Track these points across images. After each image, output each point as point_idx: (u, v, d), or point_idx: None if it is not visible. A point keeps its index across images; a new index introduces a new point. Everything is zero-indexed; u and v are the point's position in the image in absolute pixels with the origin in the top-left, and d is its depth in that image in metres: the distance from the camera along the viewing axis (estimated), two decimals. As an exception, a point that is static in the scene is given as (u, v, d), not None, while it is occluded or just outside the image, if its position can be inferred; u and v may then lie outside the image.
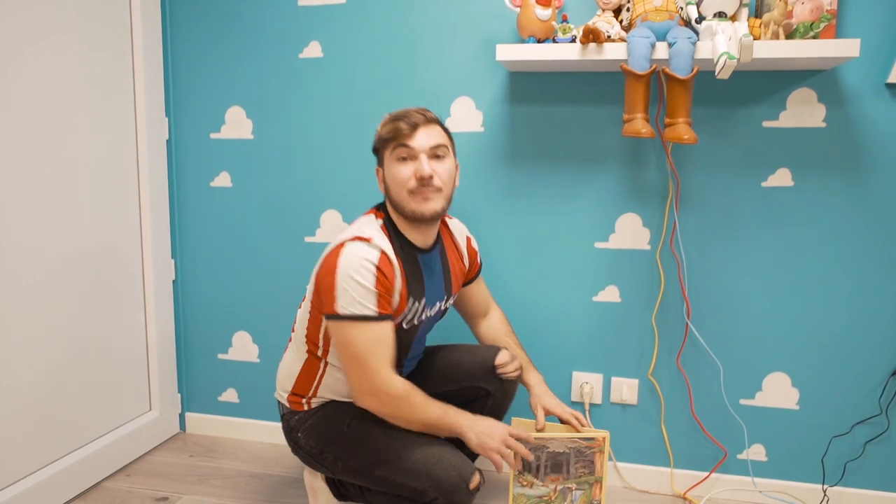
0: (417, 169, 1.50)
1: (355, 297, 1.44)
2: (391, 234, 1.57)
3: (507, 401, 1.79)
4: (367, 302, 1.44)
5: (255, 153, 2.22)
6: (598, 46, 1.72)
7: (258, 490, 2.03)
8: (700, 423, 2.00)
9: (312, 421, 1.62)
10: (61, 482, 1.90)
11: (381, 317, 1.46)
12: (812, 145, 1.84)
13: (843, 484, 1.94)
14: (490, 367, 1.73)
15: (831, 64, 1.73)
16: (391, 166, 1.54)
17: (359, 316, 1.45)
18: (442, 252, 1.71)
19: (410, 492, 1.51)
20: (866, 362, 1.89)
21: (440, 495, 1.49)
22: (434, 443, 1.54)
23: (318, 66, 2.13)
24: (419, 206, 1.53)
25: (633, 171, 1.95)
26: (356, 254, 1.46)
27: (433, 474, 1.49)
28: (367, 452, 1.54)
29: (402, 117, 1.52)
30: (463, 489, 1.49)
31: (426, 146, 1.51)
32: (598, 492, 1.79)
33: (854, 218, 1.85)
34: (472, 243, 1.85)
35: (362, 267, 1.45)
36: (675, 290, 1.97)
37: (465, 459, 1.54)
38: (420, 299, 1.60)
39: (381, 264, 1.47)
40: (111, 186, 2.06)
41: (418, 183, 1.51)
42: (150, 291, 2.23)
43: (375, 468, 1.53)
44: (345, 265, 1.45)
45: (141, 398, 2.26)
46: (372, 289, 1.44)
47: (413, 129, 1.51)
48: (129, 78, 2.11)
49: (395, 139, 1.52)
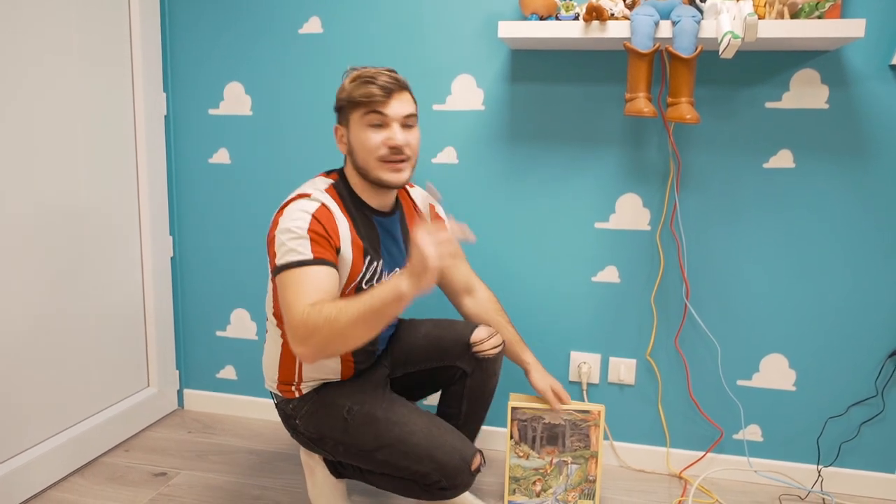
0: (390, 138, 1.47)
1: (289, 245, 1.39)
2: (340, 193, 1.53)
3: (488, 381, 1.72)
4: (301, 248, 1.38)
5: (254, 129, 2.21)
6: (602, 24, 1.71)
7: (256, 466, 2.04)
8: (697, 403, 2.01)
9: (309, 407, 1.59)
10: (60, 457, 1.91)
11: (317, 261, 1.38)
12: (814, 127, 1.84)
13: (837, 464, 1.96)
14: (465, 344, 1.67)
15: (835, 45, 1.72)
16: (360, 130, 1.49)
17: (293, 262, 1.37)
18: (402, 218, 1.67)
19: (413, 474, 1.51)
20: (863, 344, 1.90)
21: (443, 477, 1.49)
22: (434, 425, 1.53)
23: (319, 41, 2.11)
24: (389, 175, 1.50)
25: (634, 151, 1.95)
26: (293, 208, 1.44)
27: (435, 457, 1.48)
28: (369, 437, 1.52)
29: (373, 79, 1.47)
30: (465, 471, 1.50)
31: (400, 115, 1.48)
32: (594, 467, 1.81)
33: (855, 200, 1.84)
34: (438, 210, 1.81)
35: (296, 216, 1.41)
36: (674, 270, 1.97)
37: (465, 441, 1.54)
38: (377, 260, 1.55)
39: (317, 213, 1.43)
40: (109, 162, 2.04)
41: (390, 152, 1.48)
42: (149, 268, 2.23)
43: (377, 452, 1.52)
44: (281, 222, 1.43)
45: (139, 375, 2.26)
46: (304, 234, 1.39)
47: (388, 96, 1.46)
48: (127, 53, 2.09)
49: (367, 104, 1.47)
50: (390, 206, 1.62)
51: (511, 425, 1.78)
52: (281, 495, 1.87)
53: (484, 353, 1.68)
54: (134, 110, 2.14)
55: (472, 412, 1.75)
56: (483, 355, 1.68)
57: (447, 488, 1.52)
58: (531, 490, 1.81)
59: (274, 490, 1.90)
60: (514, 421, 1.78)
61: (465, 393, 1.72)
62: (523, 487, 1.81)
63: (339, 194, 1.53)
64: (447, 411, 1.76)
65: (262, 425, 2.33)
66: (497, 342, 1.70)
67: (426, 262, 1.21)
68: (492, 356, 1.69)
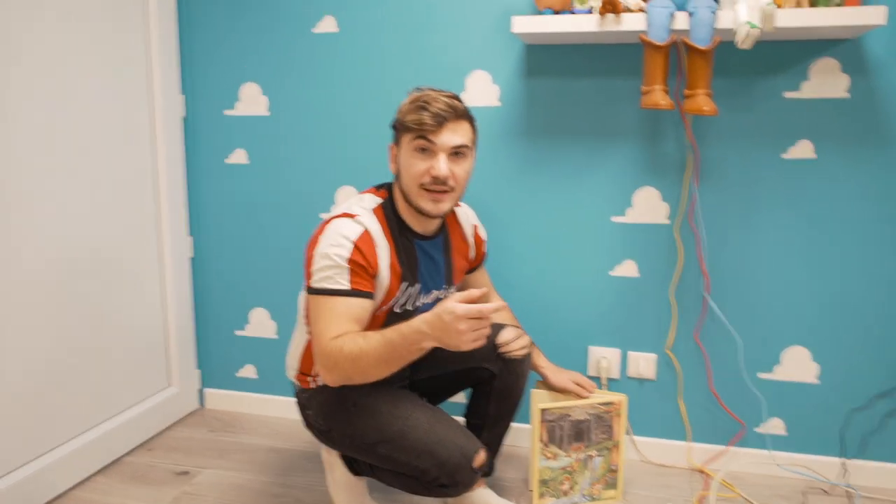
0: (434, 167, 1.46)
1: (328, 271, 1.41)
2: (387, 215, 1.54)
3: (516, 382, 1.71)
4: (339, 277, 1.41)
5: (271, 130, 2.22)
6: (617, 17, 1.70)
7: (277, 464, 2.05)
8: (718, 396, 2.00)
9: (321, 398, 1.61)
10: (84, 457, 1.93)
11: (353, 292, 1.42)
12: (835, 117, 1.81)
13: (862, 457, 1.94)
14: (492, 345, 1.66)
15: (856, 33, 1.70)
16: (408, 154, 1.49)
17: (328, 290, 1.41)
18: (445, 240, 1.67)
19: (413, 470, 1.49)
20: (886, 335, 1.88)
21: (442, 474, 1.46)
22: (438, 421, 1.51)
23: (333, 41, 2.11)
24: (427, 204, 1.50)
25: (651, 145, 1.93)
26: (337, 230, 1.45)
27: (436, 453, 1.45)
28: (371, 430, 1.52)
29: (428, 105, 1.45)
30: (466, 468, 1.46)
31: (448, 145, 1.46)
32: (616, 456, 1.81)
33: (876, 191, 1.82)
34: (480, 231, 1.82)
35: (339, 243, 1.43)
36: (693, 264, 1.96)
37: (469, 437, 1.51)
38: (414, 284, 1.57)
39: (359, 241, 1.44)
40: (128, 164, 2.06)
41: (432, 181, 1.47)
42: (168, 268, 2.24)
43: (379, 446, 1.51)
44: (323, 240, 1.44)
45: (160, 374, 2.28)
46: (344, 264, 1.41)
47: (439, 126, 1.44)
48: (144, 55, 2.11)
49: (418, 130, 1.46)
50: (433, 230, 1.63)
51: (540, 427, 1.76)
52: (303, 493, 1.88)
53: (512, 354, 1.67)
54: (153, 113, 2.15)
55: (500, 414, 1.73)
56: (511, 356, 1.67)
57: (447, 485, 1.48)
58: (559, 490, 1.81)
59: (295, 488, 1.91)
60: (543, 422, 1.76)
61: (492, 394, 1.71)
62: (552, 489, 1.81)
63: (385, 216, 1.54)
64: (475, 412, 1.76)
65: (283, 423, 2.34)
66: (524, 343, 1.70)
67: (458, 346, 1.29)
68: (519, 357, 1.68)
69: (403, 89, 2.04)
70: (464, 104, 1.51)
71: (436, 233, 1.63)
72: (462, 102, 1.51)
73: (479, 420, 1.74)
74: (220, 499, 1.85)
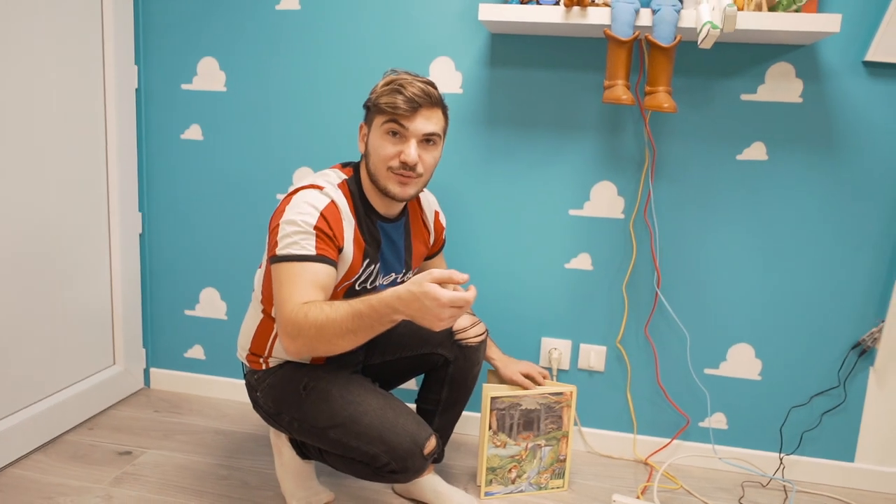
0: (404, 153, 1.46)
1: (293, 238, 1.39)
2: (352, 192, 1.54)
3: (471, 370, 1.72)
4: (305, 242, 1.39)
5: (228, 106, 2.17)
6: (582, 10, 1.70)
7: (224, 446, 2.02)
8: (665, 390, 2.04)
9: (270, 380, 1.60)
10: (22, 433, 1.87)
11: (319, 258, 1.40)
12: (788, 120, 1.86)
13: (799, 453, 2.00)
14: (448, 331, 1.67)
15: (811, 39, 1.74)
16: (378, 136, 1.49)
17: (293, 255, 1.38)
18: (406, 225, 1.68)
19: (363, 455, 1.49)
20: (828, 336, 1.93)
21: (393, 460, 1.47)
22: (390, 407, 1.51)
23: (295, 18, 2.07)
24: (395, 187, 1.50)
25: (610, 139, 1.95)
26: (303, 198, 1.44)
27: (386, 439, 1.46)
28: (322, 415, 1.51)
29: (403, 89, 1.44)
30: (416, 454, 1.47)
31: (420, 132, 1.46)
32: (565, 446, 1.83)
33: (825, 194, 1.87)
34: (441, 218, 1.82)
35: (305, 210, 1.41)
36: (646, 259, 1.99)
37: (420, 424, 1.52)
38: (374, 263, 1.57)
39: (326, 211, 1.43)
40: (77, 135, 1.99)
41: (401, 166, 1.47)
42: (116, 244, 2.18)
43: (329, 431, 1.51)
44: (290, 209, 1.43)
45: (105, 352, 2.22)
46: (310, 230, 1.40)
47: (413, 111, 1.44)
48: (98, 23, 2.04)
49: (391, 113, 1.45)
50: (396, 213, 1.62)
51: (490, 416, 1.77)
52: (248, 476, 1.86)
53: (467, 341, 1.68)
54: (104, 83, 2.08)
55: (453, 400, 1.74)
56: (466, 343, 1.68)
57: (398, 471, 1.49)
58: (507, 478, 1.82)
59: (241, 470, 1.89)
60: (493, 411, 1.77)
61: (446, 380, 1.72)
62: (499, 476, 1.82)
63: (350, 192, 1.53)
64: (427, 397, 1.76)
65: (230, 406, 2.31)
66: (480, 331, 1.71)
67: (433, 325, 1.25)
68: (475, 344, 1.69)
69: (365, 71, 2.04)
70: (438, 91, 1.50)
71: (398, 216, 1.63)
72: (437, 90, 1.50)
73: (431, 406, 1.75)
74: (163, 479, 1.82)
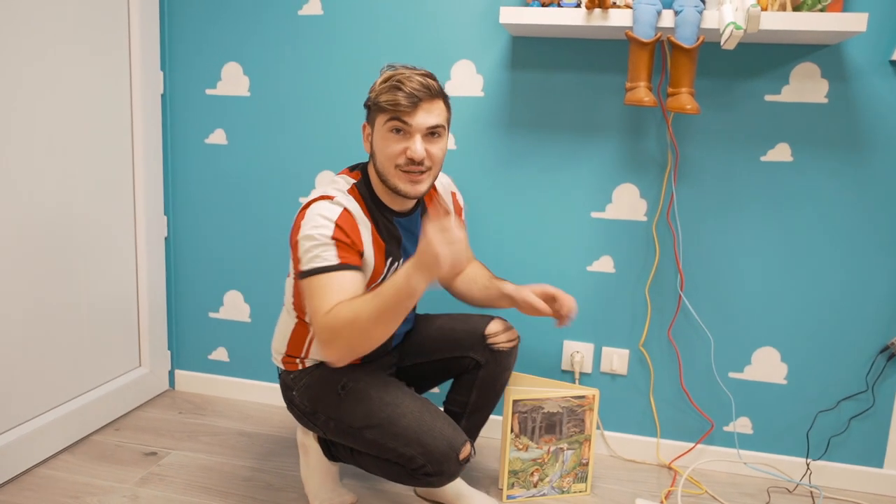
0: (410, 149, 1.44)
1: (314, 251, 1.40)
2: (363, 195, 1.53)
3: (501, 374, 1.71)
4: (326, 254, 1.40)
5: (252, 111, 2.19)
6: (604, 12, 1.70)
7: (247, 448, 2.03)
8: (688, 394, 2.02)
9: (307, 380, 1.61)
10: (50, 434, 1.90)
11: (342, 266, 1.40)
12: (813, 121, 1.84)
13: (826, 458, 1.97)
14: (480, 335, 1.67)
15: (837, 38, 1.72)
16: (382, 135, 1.47)
17: (318, 269, 1.40)
18: (424, 214, 1.66)
19: (399, 457, 1.50)
20: (855, 339, 1.91)
21: (429, 462, 1.47)
22: (427, 411, 1.51)
23: (318, 23, 2.09)
24: (405, 186, 1.49)
25: (632, 141, 1.94)
26: (316, 212, 1.44)
27: (423, 441, 1.46)
28: (359, 415, 1.52)
29: (402, 85, 1.42)
30: (452, 459, 1.47)
31: (423, 126, 1.44)
32: (587, 450, 1.82)
33: (850, 196, 1.85)
34: (458, 198, 1.81)
35: (319, 223, 1.42)
36: (669, 262, 1.97)
37: (456, 429, 1.51)
38: (399, 260, 1.57)
39: (340, 220, 1.43)
40: (104, 140, 2.03)
41: (408, 162, 1.46)
42: (142, 248, 2.22)
43: (366, 431, 1.51)
44: (305, 224, 1.44)
45: (130, 354, 2.25)
46: (328, 240, 1.40)
47: (414, 106, 1.42)
48: (125, 29, 2.07)
49: (392, 111, 1.43)
50: (411, 207, 1.61)
51: (512, 418, 1.77)
52: (272, 477, 1.87)
53: (499, 346, 1.68)
54: (131, 88, 2.12)
55: (481, 404, 1.73)
56: (498, 347, 1.68)
57: (432, 474, 1.49)
58: (529, 481, 1.82)
59: (265, 472, 1.90)
60: (515, 413, 1.77)
61: (476, 384, 1.71)
62: (521, 480, 1.81)
63: (360, 195, 1.53)
64: (455, 399, 1.76)
65: (254, 408, 2.33)
66: (512, 336, 1.70)
67: (437, 261, 1.23)
68: (506, 349, 1.69)
69: (388, 75, 2.05)
70: (437, 82, 1.48)
71: (413, 209, 1.62)
72: (436, 80, 1.48)
73: (458, 409, 1.75)
74: (188, 480, 1.84)
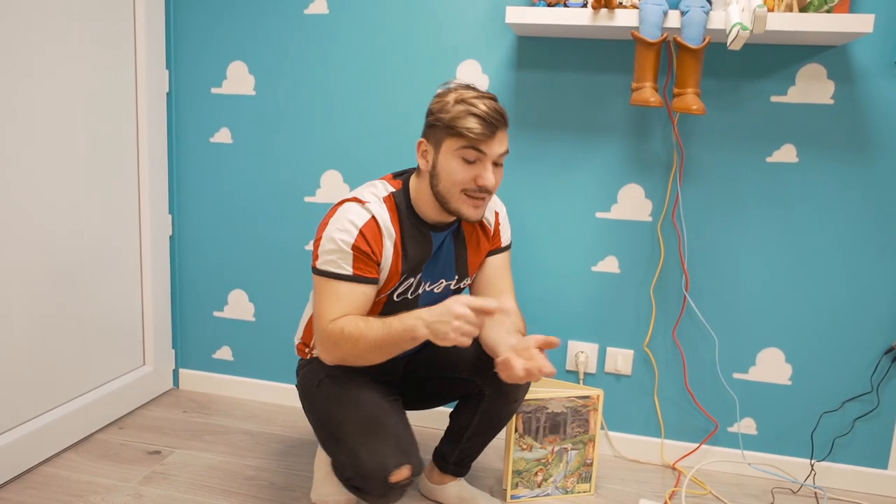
0: (482, 177, 1.41)
1: (332, 255, 1.41)
2: (398, 204, 1.51)
3: (504, 406, 1.61)
4: (343, 262, 1.41)
5: (257, 110, 2.20)
6: (610, 12, 1.70)
7: (252, 446, 2.04)
8: (693, 395, 2.02)
9: (305, 369, 1.65)
10: (54, 432, 1.90)
11: (356, 278, 1.42)
12: (819, 122, 1.84)
13: (830, 459, 1.97)
14: (489, 361, 1.50)
15: (843, 40, 1.72)
16: (451, 159, 1.42)
17: (331, 273, 1.42)
18: (457, 231, 1.60)
19: (335, 461, 1.48)
20: (860, 340, 1.90)
21: (356, 476, 1.40)
22: (380, 423, 1.44)
23: (324, 22, 2.09)
24: (469, 210, 1.46)
25: (638, 142, 1.94)
26: (345, 214, 1.44)
27: (357, 453, 1.39)
28: (320, 411, 1.54)
29: (477, 111, 1.37)
30: (379, 479, 1.35)
31: (496, 154, 1.42)
32: (591, 450, 1.83)
33: (856, 197, 1.85)
34: (501, 218, 1.69)
35: (345, 228, 1.42)
36: (674, 262, 1.97)
37: (402, 451, 1.39)
38: (416, 274, 1.54)
39: (365, 228, 1.43)
40: (109, 138, 2.03)
41: (478, 189, 1.44)
42: (147, 246, 2.22)
43: (319, 429, 1.54)
44: (332, 223, 1.44)
45: (135, 353, 2.26)
46: (348, 249, 1.41)
47: (492, 135, 1.39)
48: (130, 28, 2.07)
49: (470, 139, 1.38)
50: (449, 221, 1.56)
51: (516, 418, 1.77)
52: (275, 476, 1.87)
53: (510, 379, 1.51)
54: (136, 87, 2.12)
55: (482, 430, 1.67)
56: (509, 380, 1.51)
57: (359, 489, 1.42)
58: (533, 481, 1.82)
59: (268, 471, 1.90)
60: (519, 414, 1.77)
61: (479, 410, 1.64)
62: (525, 480, 1.81)
63: (396, 205, 1.51)
64: (457, 420, 1.71)
65: (258, 407, 2.33)
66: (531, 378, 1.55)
67: (445, 338, 1.28)
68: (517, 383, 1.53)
69: (393, 75, 2.05)
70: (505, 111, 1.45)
71: (449, 224, 1.57)
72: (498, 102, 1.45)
73: (459, 430, 1.70)
74: (191, 479, 1.84)
